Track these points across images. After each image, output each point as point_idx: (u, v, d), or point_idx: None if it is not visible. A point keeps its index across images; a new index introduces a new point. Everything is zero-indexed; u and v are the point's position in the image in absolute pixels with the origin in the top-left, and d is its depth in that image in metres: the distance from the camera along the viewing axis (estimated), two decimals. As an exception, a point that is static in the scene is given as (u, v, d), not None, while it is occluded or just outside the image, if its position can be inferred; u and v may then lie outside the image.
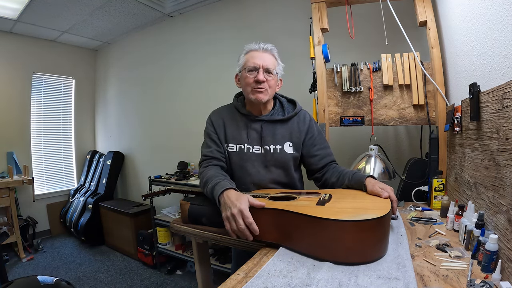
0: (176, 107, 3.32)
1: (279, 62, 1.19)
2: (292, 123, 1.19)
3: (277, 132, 1.17)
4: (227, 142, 1.18)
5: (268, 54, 1.15)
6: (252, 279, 0.70)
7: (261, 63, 1.11)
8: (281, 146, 1.16)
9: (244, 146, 1.16)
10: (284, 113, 1.21)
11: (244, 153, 1.16)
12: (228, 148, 1.18)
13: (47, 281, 1.36)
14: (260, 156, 1.16)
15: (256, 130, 1.17)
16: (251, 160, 1.15)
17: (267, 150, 1.15)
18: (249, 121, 1.18)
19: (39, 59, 3.69)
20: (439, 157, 1.42)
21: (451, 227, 1.05)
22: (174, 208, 2.92)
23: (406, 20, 1.52)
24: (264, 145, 1.15)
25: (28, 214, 3.45)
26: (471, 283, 0.67)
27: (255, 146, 1.16)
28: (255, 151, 1.16)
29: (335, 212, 0.80)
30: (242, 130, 1.18)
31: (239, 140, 1.17)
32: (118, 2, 2.80)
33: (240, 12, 2.74)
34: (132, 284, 2.59)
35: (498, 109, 0.83)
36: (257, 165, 1.15)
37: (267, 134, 1.16)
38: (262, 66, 1.11)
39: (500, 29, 0.88)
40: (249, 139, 1.16)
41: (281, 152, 1.16)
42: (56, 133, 4.00)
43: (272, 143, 1.16)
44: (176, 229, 1.19)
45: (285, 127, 1.18)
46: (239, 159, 1.16)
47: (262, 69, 1.11)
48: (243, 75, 1.16)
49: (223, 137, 1.19)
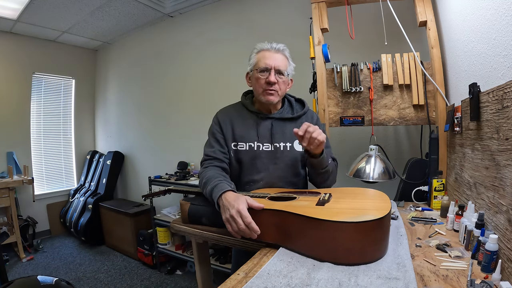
0: (176, 107, 3.31)
1: (290, 62, 1.18)
2: (302, 121, 1.18)
3: (286, 130, 1.18)
4: (236, 141, 1.17)
5: (280, 54, 1.14)
6: (252, 279, 0.70)
7: (273, 64, 1.11)
8: (291, 143, 1.17)
9: (254, 144, 1.16)
10: (293, 111, 1.23)
11: (254, 151, 1.15)
12: (238, 147, 1.17)
13: (47, 281, 1.36)
14: (270, 153, 1.16)
15: (266, 128, 1.17)
16: (260, 158, 1.15)
17: (277, 147, 1.16)
18: (259, 119, 1.19)
19: (39, 59, 3.69)
20: (439, 157, 1.42)
21: (451, 227, 1.05)
22: (174, 208, 2.92)
23: (406, 20, 1.52)
24: (274, 143, 1.16)
25: (28, 214, 3.45)
26: (471, 283, 0.67)
27: (265, 144, 1.16)
28: (265, 148, 1.16)
29: (335, 213, 0.80)
30: (251, 128, 1.18)
31: (249, 138, 1.17)
32: (118, 2, 2.80)
33: (240, 12, 2.74)
34: (132, 284, 2.59)
35: (498, 109, 0.83)
36: (266, 162, 1.16)
37: (277, 132, 1.17)
38: (274, 67, 1.11)
39: (500, 29, 0.88)
40: (259, 136, 1.16)
41: (291, 149, 1.16)
42: (56, 133, 4.00)
43: (282, 140, 1.16)
44: (176, 229, 1.19)
45: (294, 125, 1.17)
46: (249, 157, 1.16)
47: (273, 70, 1.11)
48: (254, 75, 1.16)
49: (230, 136, 1.18)
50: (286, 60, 1.15)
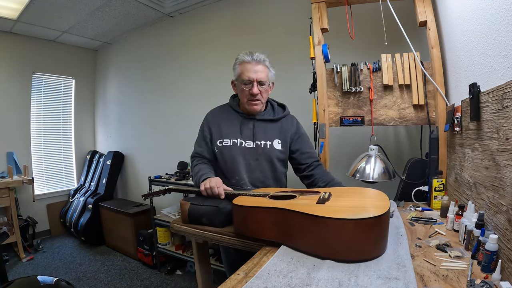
0: (176, 107, 3.31)
1: (271, 70, 1.30)
2: (282, 123, 1.33)
3: (267, 130, 1.31)
4: (222, 137, 1.31)
5: (261, 65, 1.26)
6: (252, 279, 0.70)
7: (255, 76, 1.23)
8: (271, 142, 1.29)
9: (237, 141, 1.29)
10: (275, 114, 1.36)
11: (238, 147, 1.28)
12: (223, 143, 1.30)
13: (47, 281, 1.36)
14: (251, 150, 1.28)
15: (249, 127, 1.30)
16: (243, 153, 1.28)
17: (258, 144, 1.28)
18: (243, 119, 1.32)
19: (39, 59, 3.68)
20: (439, 157, 1.42)
21: (451, 227, 1.05)
22: (174, 208, 2.92)
23: (406, 20, 1.52)
24: (255, 140, 1.28)
25: (28, 214, 3.45)
26: (471, 283, 0.67)
27: (247, 141, 1.28)
28: (247, 145, 1.28)
29: (335, 210, 0.81)
30: (236, 127, 1.31)
31: (234, 135, 1.30)
32: (118, 2, 2.80)
33: (240, 12, 2.74)
34: (132, 284, 2.59)
35: (498, 109, 0.83)
36: (248, 157, 1.28)
37: (259, 131, 1.30)
38: (256, 79, 1.24)
39: (500, 29, 0.88)
40: (242, 134, 1.29)
41: (270, 147, 1.28)
42: (56, 133, 4.00)
43: (263, 139, 1.29)
44: (176, 229, 1.19)
45: (275, 126, 1.32)
46: (232, 152, 1.28)
47: (256, 82, 1.24)
48: (238, 86, 1.30)
49: (216, 134, 1.32)
50: (266, 69, 1.28)
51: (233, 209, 1.02)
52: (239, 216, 1.00)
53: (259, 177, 1.29)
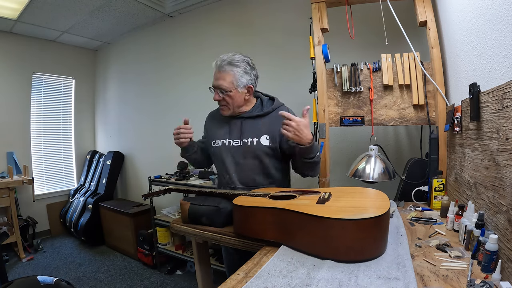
0: (176, 107, 3.31)
1: (240, 74, 1.24)
2: (270, 117, 1.31)
3: (255, 126, 1.30)
4: (214, 138, 1.36)
5: (222, 73, 1.25)
6: (252, 279, 0.70)
7: (215, 84, 1.27)
8: (258, 139, 1.28)
9: (226, 141, 1.33)
10: (263, 109, 1.35)
11: (226, 147, 1.32)
12: (215, 144, 1.35)
13: (47, 281, 1.36)
14: (239, 148, 1.30)
15: (237, 126, 1.32)
16: (231, 152, 1.30)
17: (245, 142, 1.29)
18: (232, 119, 1.35)
19: (39, 59, 3.68)
20: (439, 157, 1.42)
21: (451, 227, 1.05)
22: (174, 208, 2.92)
23: (406, 20, 1.52)
24: (243, 139, 1.30)
25: (28, 214, 3.45)
26: (471, 283, 0.67)
27: (235, 140, 1.31)
28: (235, 144, 1.30)
29: (335, 211, 0.81)
30: (224, 127, 1.35)
31: (223, 136, 1.34)
32: (118, 2, 2.80)
33: (240, 12, 2.74)
34: (132, 284, 2.59)
35: (498, 109, 0.83)
36: (236, 156, 1.30)
37: (246, 129, 1.30)
38: (216, 87, 1.27)
39: (500, 29, 0.88)
40: (231, 134, 1.32)
41: (258, 144, 1.28)
42: (56, 133, 4.00)
43: (250, 136, 1.29)
44: (176, 229, 1.19)
45: (264, 121, 1.31)
46: (221, 152, 1.32)
47: (217, 89, 1.27)
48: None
49: (210, 136, 1.39)
50: (229, 75, 1.24)
51: (233, 209, 1.02)
52: (239, 216, 1.00)
53: (249, 175, 1.29)
